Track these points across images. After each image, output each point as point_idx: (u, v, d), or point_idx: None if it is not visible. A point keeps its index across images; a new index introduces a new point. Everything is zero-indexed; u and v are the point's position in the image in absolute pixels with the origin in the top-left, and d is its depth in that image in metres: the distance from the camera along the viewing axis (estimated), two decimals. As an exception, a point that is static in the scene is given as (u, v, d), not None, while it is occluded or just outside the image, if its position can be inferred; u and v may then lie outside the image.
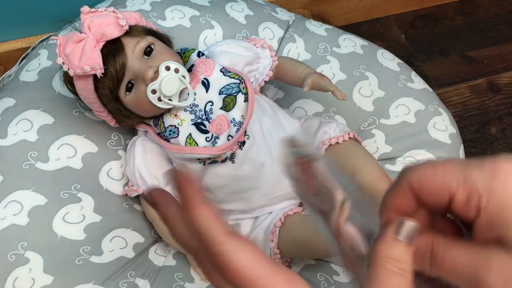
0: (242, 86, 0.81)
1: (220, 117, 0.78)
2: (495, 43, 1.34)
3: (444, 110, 0.99)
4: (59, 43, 0.72)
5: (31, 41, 1.11)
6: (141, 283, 0.77)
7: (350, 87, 0.97)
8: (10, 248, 0.74)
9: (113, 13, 0.73)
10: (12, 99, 0.86)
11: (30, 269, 0.73)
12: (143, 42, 0.75)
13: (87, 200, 0.81)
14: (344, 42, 1.03)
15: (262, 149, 0.80)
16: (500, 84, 1.27)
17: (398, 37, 1.35)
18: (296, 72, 0.86)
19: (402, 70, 1.01)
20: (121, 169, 0.85)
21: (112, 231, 0.80)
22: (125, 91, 0.75)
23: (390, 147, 0.94)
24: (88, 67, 0.70)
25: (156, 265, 0.81)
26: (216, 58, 0.83)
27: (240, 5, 1.02)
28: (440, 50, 1.33)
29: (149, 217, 0.85)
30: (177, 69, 0.73)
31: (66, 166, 0.81)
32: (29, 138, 0.82)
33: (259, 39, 0.90)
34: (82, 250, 0.77)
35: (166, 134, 0.78)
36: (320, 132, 0.83)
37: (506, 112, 1.23)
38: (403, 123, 0.95)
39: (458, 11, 1.41)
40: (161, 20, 0.96)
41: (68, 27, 0.83)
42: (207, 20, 0.98)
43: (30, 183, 0.78)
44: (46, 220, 0.77)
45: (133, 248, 0.81)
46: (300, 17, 1.08)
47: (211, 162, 0.79)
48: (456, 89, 1.27)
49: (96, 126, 0.86)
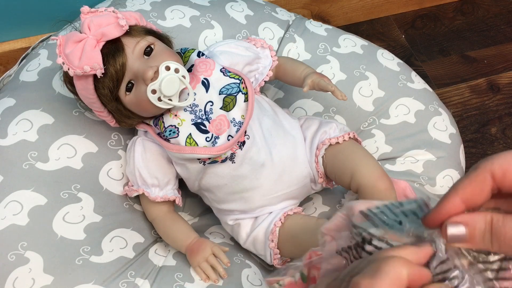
0: (242, 86, 0.81)
1: (220, 117, 0.78)
2: (495, 43, 1.34)
3: (444, 110, 0.99)
4: (59, 43, 0.72)
5: (31, 41, 1.12)
6: (141, 283, 0.77)
7: (350, 87, 0.97)
8: (10, 248, 0.74)
9: (113, 13, 0.73)
10: (12, 99, 0.86)
11: (30, 269, 0.73)
12: (143, 42, 0.75)
13: (87, 200, 0.81)
14: (344, 42, 1.03)
15: (262, 149, 0.80)
16: (500, 84, 1.27)
17: (398, 37, 1.35)
18: (296, 72, 0.86)
19: (402, 70, 1.01)
20: (121, 169, 0.85)
21: (112, 231, 0.80)
22: (125, 91, 0.75)
23: (390, 147, 0.94)
24: (88, 67, 0.70)
25: (156, 265, 0.81)
26: (216, 58, 0.83)
27: (240, 5, 1.02)
28: (440, 50, 1.33)
29: (149, 217, 0.85)
30: (177, 69, 0.73)
31: (66, 166, 0.81)
32: (29, 138, 0.82)
33: (259, 39, 0.90)
34: (82, 250, 0.76)
35: (166, 134, 0.78)
36: (320, 132, 0.83)
37: (506, 112, 1.23)
38: (403, 123, 0.95)
39: (458, 11, 1.41)
40: (161, 20, 0.96)
41: (68, 27, 0.83)
42: (207, 20, 0.98)
43: (30, 183, 0.78)
44: (46, 220, 0.77)
45: (133, 248, 0.81)
46: (300, 17, 1.08)
47: (211, 162, 0.79)
48: (456, 89, 1.27)
49: (96, 126, 0.86)
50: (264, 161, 0.79)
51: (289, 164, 0.81)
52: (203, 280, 0.78)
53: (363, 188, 0.77)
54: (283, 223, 0.80)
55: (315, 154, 0.82)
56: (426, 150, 0.93)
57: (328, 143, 0.81)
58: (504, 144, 1.18)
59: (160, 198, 0.81)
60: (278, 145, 0.81)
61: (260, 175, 0.80)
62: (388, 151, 0.94)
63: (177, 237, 0.82)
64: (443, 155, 0.93)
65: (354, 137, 0.83)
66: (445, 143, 0.95)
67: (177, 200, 0.83)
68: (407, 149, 0.94)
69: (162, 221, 0.83)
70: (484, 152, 1.17)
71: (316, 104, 0.97)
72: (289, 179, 0.82)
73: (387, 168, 0.93)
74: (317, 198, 0.91)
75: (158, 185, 0.82)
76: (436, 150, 0.93)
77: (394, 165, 0.93)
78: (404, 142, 0.94)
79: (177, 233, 0.82)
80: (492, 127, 1.20)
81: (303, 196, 0.87)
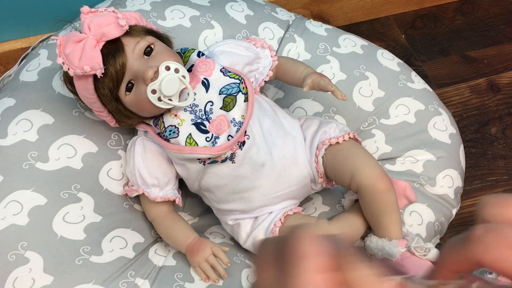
0: (242, 86, 0.81)
1: (220, 117, 0.78)
2: (495, 43, 1.34)
3: (444, 110, 0.99)
4: (59, 43, 0.72)
5: (31, 41, 1.12)
6: (141, 283, 0.77)
7: (350, 87, 0.97)
8: (10, 248, 0.74)
9: (113, 13, 0.73)
10: (12, 99, 0.86)
11: (30, 269, 0.73)
12: (143, 42, 0.75)
13: (87, 200, 0.81)
14: (344, 42, 1.03)
15: (262, 149, 0.80)
16: (500, 84, 1.27)
17: (398, 37, 1.35)
18: (296, 72, 0.86)
19: (402, 70, 1.01)
20: (121, 169, 0.85)
21: (112, 231, 0.80)
22: (125, 91, 0.75)
23: (390, 147, 0.94)
24: (88, 67, 0.70)
25: (156, 265, 0.81)
26: (216, 58, 0.83)
27: (240, 5, 1.02)
28: (440, 50, 1.33)
29: (149, 217, 0.85)
30: (177, 69, 0.73)
31: (66, 166, 0.81)
32: (29, 138, 0.82)
33: (259, 39, 0.90)
34: (82, 250, 0.76)
35: (166, 134, 0.78)
36: (320, 132, 0.83)
37: (506, 112, 1.23)
38: (403, 123, 0.95)
39: (458, 11, 1.41)
40: (161, 20, 0.96)
41: (68, 27, 0.83)
42: (207, 20, 0.98)
43: (30, 183, 0.78)
44: (46, 220, 0.77)
45: (133, 248, 0.81)
46: (300, 17, 1.08)
47: (211, 162, 0.79)
48: (456, 89, 1.27)
49: (96, 126, 0.86)
50: (264, 161, 0.79)
51: (289, 164, 0.81)
52: (203, 280, 0.78)
53: (363, 188, 0.77)
54: (283, 223, 0.80)
55: (315, 154, 0.82)
56: (426, 150, 0.93)
57: (328, 143, 0.81)
58: (504, 144, 1.18)
59: (160, 198, 0.81)
60: (278, 145, 0.81)
61: (260, 175, 0.80)
62: (388, 151, 0.94)
63: (177, 237, 0.82)
64: (443, 155, 0.93)
65: (354, 137, 0.83)
66: (445, 143, 0.95)
67: (177, 200, 0.83)
68: (407, 149, 0.94)
69: (162, 221, 0.83)
70: (484, 152, 1.17)
71: (316, 104, 0.97)
72: (289, 179, 0.82)
73: (387, 168, 0.93)
74: (317, 198, 0.91)
75: (158, 185, 0.82)
76: (436, 150, 0.93)
77: (394, 165, 0.93)
78: (404, 142, 0.94)
79: (177, 233, 0.82)
80: (492, 127, 1.20)
81: (303, 196, 0.87)
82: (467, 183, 1.11)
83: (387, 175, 0.78)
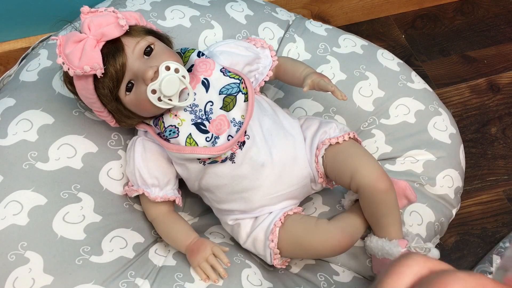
0: (242, 86, 0.81)
1: (220, 117, 0.78)
2: (495, 43, 1.34)
3: (444, 110, 0.99)
4: (59, 43, 0.72)
5: (31, 41, 1.12)
6: (141, 283, 0.77)
7: (350, 87, 0.97)
8: (10, 248, 0.74)
9: (113, 13, 0.73)
10: (12, 99, 0.86)
11: (30, 269, 0.73)
12: (143, 42, 0.75)
13: (87, 200, 0.81)
14: (344, 42, 1.03)
15: (262, 149, 0.80)
16: (500, 84, 1.27)
17: (398, 37, 1.35)
18: (296, 72, 0.86)
19: (402, 70, 1.01)
20: (121, 169, 0.85)
21: (112, 231, 0.80)
22: (125, 91, 0.75)
23: (390, 147, 0.94)
24: (88, 67, 0.70)
25: (156, 265, 0.81)
26: (216, 58, 0.83)
27: (240, 5, 1.02)
28: (440, 50, 1.33)
29: (149, 217, 0.85)
30: (177, 69, 0.73)
31: (66, 166, 0.81)
32: (29, 138, 0.82)
33: (259, 39, 0.90)
34: (82, 250, 0.76)
35: (166, 134, 0.78)
36: (320, 132, 0.83)
37: (506, 112, 1.23)
38: (403, 123, 0.95)
39: (458, 11, 1.41)
40: (161, 20, 0.96)
41: (68, 27, 0.83)
42: (207, 20, 0.98)
43: (30, 183, 0.78)
44: (46, 220, 0.77)
45: (133, 248, 0.81)
46: (300, 17, 1.08)
47: (211, 162, 0.79)
48: (456, 89, 1.27)
49: (96, 126, 0.86)
50: (264, 161, 0.79)
51: (289, 164, 0.81)
52: (203, 280, 0.78)
53: (363, 188, 0.77)
54: (283, 223, 0.80)
55: (315, 154, 0.82)
56: (426, 150, 0.93)
57: (328, 143, 0.81)
58: (504, 144, 1.18)
59: (160, 198, 0.81)
60: (278, 145, 0.81)
61: (260, 175, 0.80)
62: (388, 151, 0.94)
63: (177, 237, 0.82)
64: (443, 155, 0.93)
65: (354, 137, 0.83)
66: (445, 143, 0.95)
67: (177, 200, 0.83)
68: (407, 149, 0.94)
69: (162, 221, 0.83)
70: (484, 152, 1.17)
71: (316, 104, 0.97)
72: (289, 179, 0.82)
73: (387, 168, 0.93)
74: (317, 198, 0.91)
75: (158, 185, 0.82)
76: (436, 150, 0.93)
77: (394, 165, 0.93)
78: (404, 142, 0.94)
79: (177, 233, 0.82)
80: (492, 127, 1.20)
81: (303, 196, 0.87)
82: (467, 183, 1.11)
83: (387, 175, 0.78)
